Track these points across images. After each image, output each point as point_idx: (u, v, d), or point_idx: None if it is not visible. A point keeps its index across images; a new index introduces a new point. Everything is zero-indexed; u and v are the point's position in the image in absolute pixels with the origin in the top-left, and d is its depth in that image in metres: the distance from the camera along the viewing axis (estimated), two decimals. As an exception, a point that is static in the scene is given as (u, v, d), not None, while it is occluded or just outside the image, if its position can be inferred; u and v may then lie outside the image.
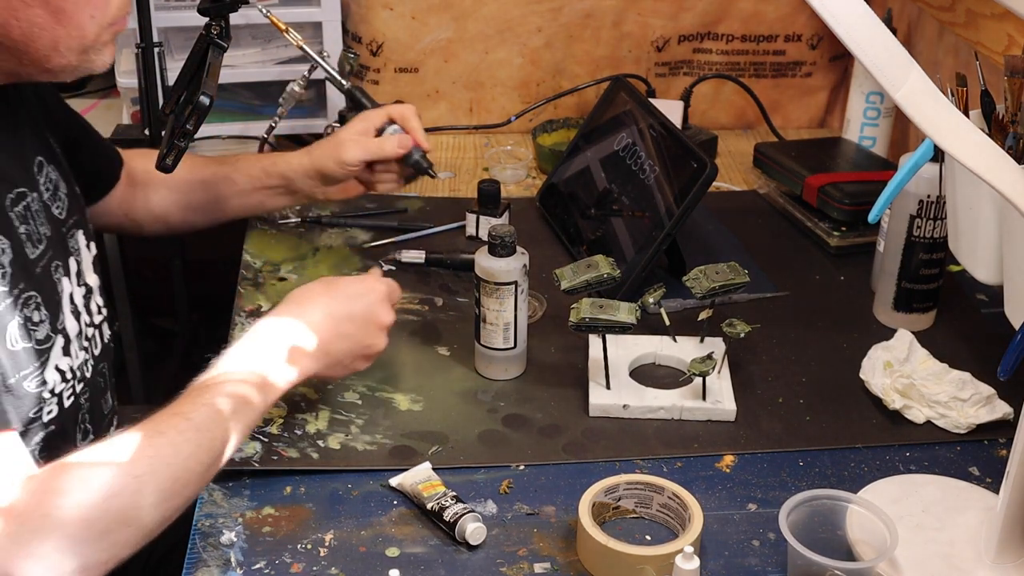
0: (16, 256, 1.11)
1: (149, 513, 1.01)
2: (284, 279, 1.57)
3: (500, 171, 1.87)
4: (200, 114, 1.24)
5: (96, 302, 1.30)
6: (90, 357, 1.26)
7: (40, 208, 1.19)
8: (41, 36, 1.09)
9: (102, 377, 1.30)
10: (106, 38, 1.15)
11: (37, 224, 1.17)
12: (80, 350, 1.23)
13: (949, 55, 1.74)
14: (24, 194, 1.16)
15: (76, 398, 1.21)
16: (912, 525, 1.13)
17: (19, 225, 1.14)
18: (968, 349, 1.42)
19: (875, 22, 0.86)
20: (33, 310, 1.13)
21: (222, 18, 1.31)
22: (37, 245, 1.16)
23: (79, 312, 1.24)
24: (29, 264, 1.14)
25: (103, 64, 1.16)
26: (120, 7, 1.15)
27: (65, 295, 1.21)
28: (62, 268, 1.21)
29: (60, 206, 1.24)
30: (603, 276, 1.33)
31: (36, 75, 1.14)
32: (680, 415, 1.31)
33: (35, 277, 1.14)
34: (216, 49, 1.29)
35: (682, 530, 1.11)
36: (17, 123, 1.21)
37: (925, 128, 0.89)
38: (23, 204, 1.16)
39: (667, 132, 1.56)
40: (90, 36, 1.12)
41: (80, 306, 1.24)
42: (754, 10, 1.98)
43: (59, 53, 1.11)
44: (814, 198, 1.67)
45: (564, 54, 1.99)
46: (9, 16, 1.07)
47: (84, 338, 1.25)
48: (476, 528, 1.12)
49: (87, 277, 1.28)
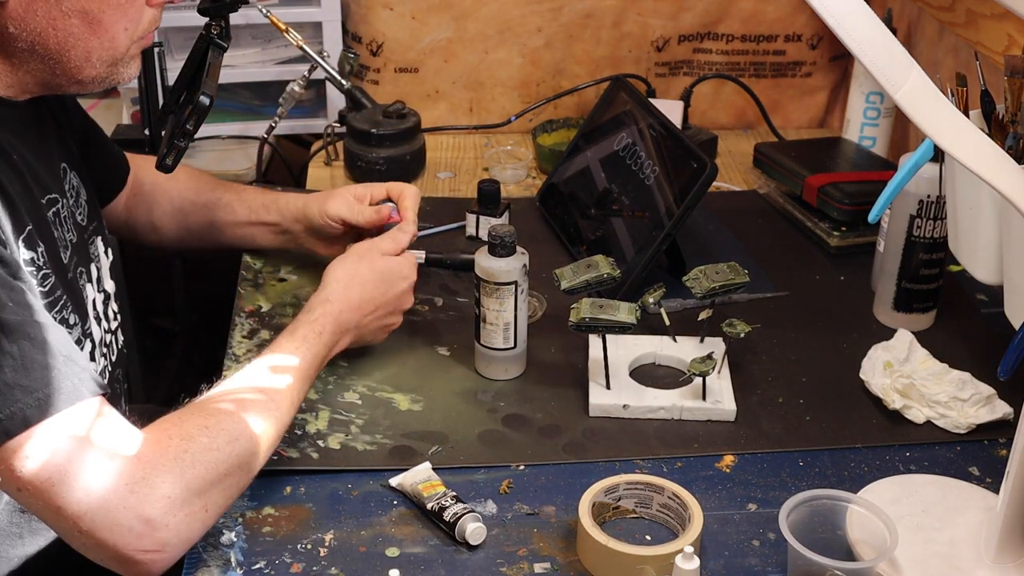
0: (52, 260, 1.13)
1: (261, 459, 1.12)
2: (284, 280, 1.57)
3: (500, 171, 1.87)
4: (200, 114, 1.25)
5: (112, 308, 1.32)
6: (108, 364, 1.27)
7: (68, 214, 1.21)
8: (76, 46, 1.11)
9: (117, 383, 1.31)
10: (134, 51, 1.17)
11: (65, 231, 1.19)
12: (100, 356, 1.24)
13: (949, 55, 1.74)
14: (55, 200, 1.18)
15: None
16: (912, 525, 1.13)
17: (54, 231, 1.16)
18: (968, 349, 1.42)
19: (875, 22, 0.86)
20: (70, 312, 1.15)
21: (222, 18, 1.31)
22: (66, 251, 1.18)
23: (100, 319, 1.25)
24: (62, 269, 1.15)
25: (129, 77, 1.18)
26: (151, 21, 1.17)
27: (89, 301, 1.22)
28: (86, 274, 1.23)
29: (82, 212, 1.26)
30: (603, 276, 1.33)
31: (67, 86, 1.15)
32: (680, 415, 1.31)
33: (67, 282, 1.16)
34: (216, 49, 1.29)
35: (682, 530, 1.11)
36: (46, 130, 1.23)
37: (925, 128, 0.89)
38: (54, 210, 1.17)
39: (667, 132, 1.56)
40: (121, 48, 1.14)
41: (101, 313, 1.26)
42: (754, 10, 1.98)
43: (91, 64, 1.13)
44: (814, 198, 1.67)
45: (564, 54, 1.99)
46: (48, 25, 1.08)
47: (104, 345, 1.26)
48: (476, 528, 1.12)
49: (106, 283, 1.30)
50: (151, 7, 1.15)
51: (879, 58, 0.86)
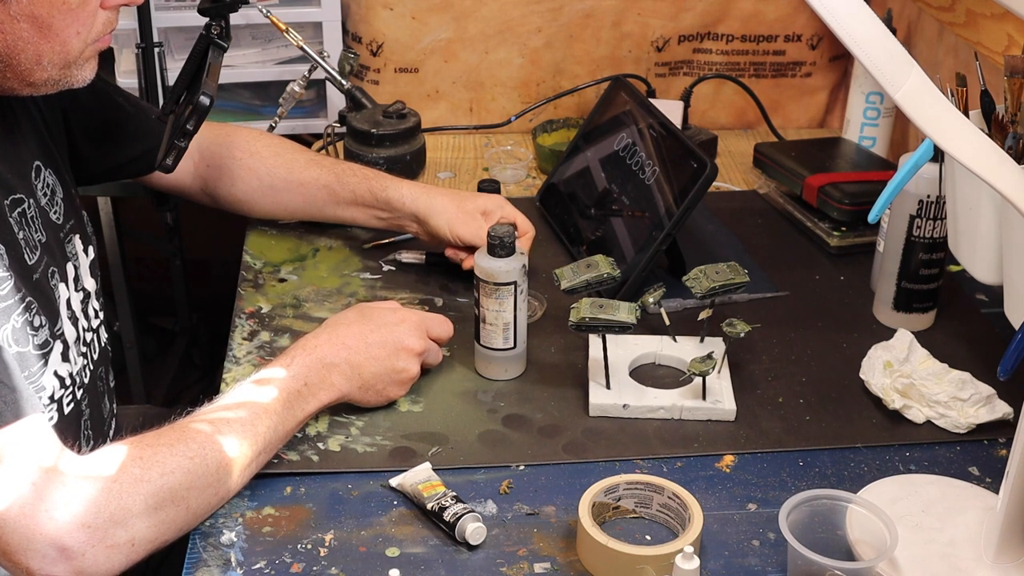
0: (13, 261, 1.11)
1: (205, 495, 1.09)
2: (284, 280, 1.57)
3: (500, 171, 1.87)
4: (200, 114, 1.24)
5: (93, 306, 1.30)
6: (89, 362, 1.26)
7: (36, 214, 1.19)
8: (25, 50, 1.09)
9: (101, 381, 1.31)
10: (89, 54, 1.15)
11: (33, 231, 1.17)
12: (79, 356, 1.23)
13: (949, 55, 1.74)
14: (21, 200, 1.17)
15: (76, 404, 1.21)
16: (912, 525, 1.13)
17: (17, 231, 1.14)
18: (968, 349, 1.42)
19: (875, 22, 0.86)
20: (35, 315, 1.13)
21: (222, 18, 1.31)
22: (34, 252, 1.16)
23: (77, 318, 1.24)
24: (26, 271, 1.14)
25: (83, 79, 1.17)
26: (105, 24, 1.15)
27: (63, 301, 1.21)
28: (59, 274, 1.21)
29: (57, 211, 1.24)
30: (603, 276, 1.33)
31: (19, 88, 1.14)
32: (680, 415, 1.31)
33: (33, 283, 1.14)
34: (216, 49, 1.29)
35: (682, 530, 1.11)
36: (14, 129, 1.21)
37: (925, 128, 0.89)
38: (19, 210, 1.16)
39: (667, 132, 1.56)
40: (74, 52, 1.13)
41: (78, 312, 1.25)
42: (754, 10, 1.98)
43: (42, 67, 1.12)
44: (814, 198, 1.67)
45: (564, 54, 1.99)
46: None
47: (83, 343, 1.25)
48: (476, 528, 1.12)
49: (85, 282, 1.28)
50: (105, 9, 1.14)
51: (879, 58, 0.86)
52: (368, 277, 1.57)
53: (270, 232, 1.67)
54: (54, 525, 0.98)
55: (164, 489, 1.05)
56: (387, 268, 1.59)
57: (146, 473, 1.04)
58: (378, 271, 1.59)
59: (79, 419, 1.23)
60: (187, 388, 2.61)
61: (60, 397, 1.17)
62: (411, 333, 1.30)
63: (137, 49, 1.82)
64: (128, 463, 1.04)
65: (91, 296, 1.30)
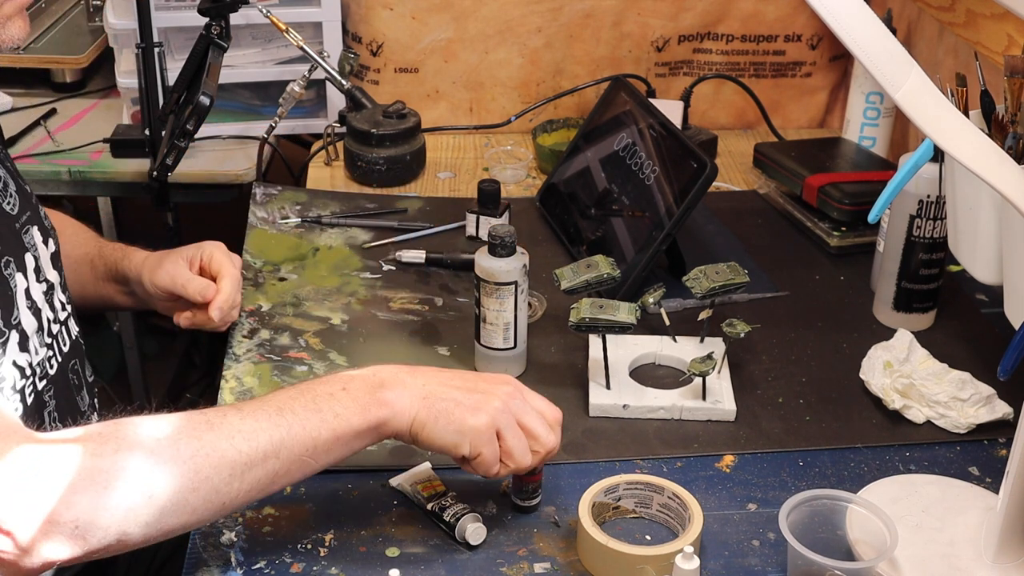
0: None
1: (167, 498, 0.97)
2: (284, 279, 1.57)
3: (500, 171, 1.87)
4: (200, 114, 1.25)
5: (59, 298, 1.28)
6: (56, 354, 1.25)
7: None
8: None
9: (75, 374, 1.29)
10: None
11: None
12: (42, 346, 1.22)
13: (949, 55, 1.74)
14: None
15: (38, 395, 1.20)
16: (912, 525, 1.13)
17: None
18: (968, 349, 1.42)
19: (875, 22, 0.86)
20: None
21: (222, 18, 1.31)
22: None
23: (39, 308, 1.22)
24: None
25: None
26: None
27: (19, 290, 1.19)
28: (15, 263, 1.19)
29: (11, 202, 1.23)
30: (603, 276, 1.33)
31: None
32: (680, 415, 1.31)
33: None
34: (216, 49, 1.30)
35: (682, 530, 1.11)
36: None
37: (925, 128, 0.89)
38: None
39: (667, 132, 1.56)
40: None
41: (41, 302, 1.23)
42: (754, 10, 1.98)
43: None
44: (814, 198, 1.67)
45: (564, 54, 1.99)
46: None
47: (47, 334, 1.23)
48: (476, 528, 1.12)
49: (47, 273, 1.26)
50: None
51: (879, 58, 0.86)
52: (368, 277, 1.57)
53: (270, 231, 1.67)
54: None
55: (116, 468, 0.95)
56: (387, 268, 1.59)
57: (101, 448, 0.96)
58: (378, 271, 1.59)
59: (42, 410, 1.21)
60: (187, 388, 2.61)
61: (21, 387, 1.16)
62: (509, 393, 1.12)
63: (137, 49, 1.81)
64: (88, 449, 0.95)
65: (56, 288, 1.27)
